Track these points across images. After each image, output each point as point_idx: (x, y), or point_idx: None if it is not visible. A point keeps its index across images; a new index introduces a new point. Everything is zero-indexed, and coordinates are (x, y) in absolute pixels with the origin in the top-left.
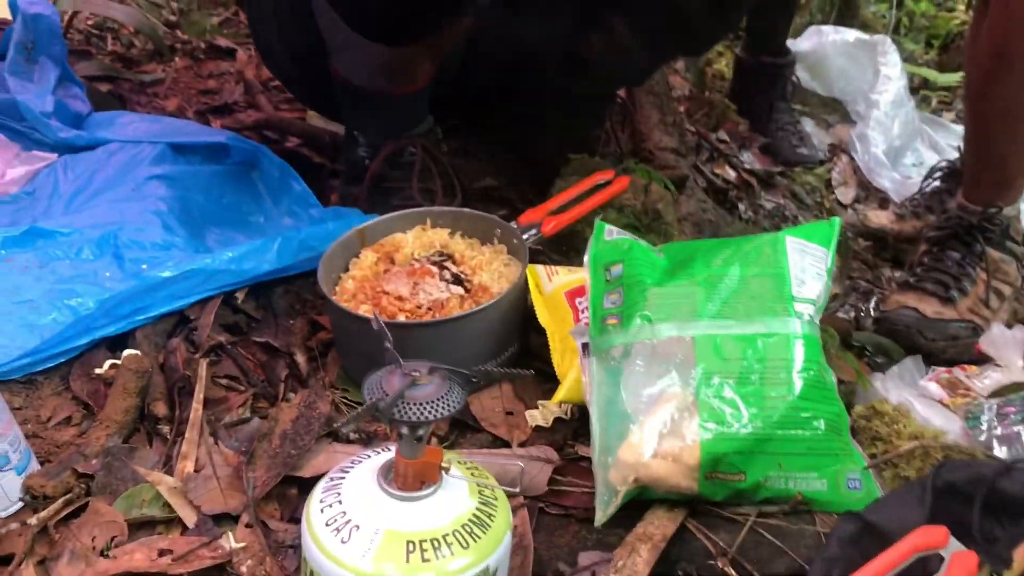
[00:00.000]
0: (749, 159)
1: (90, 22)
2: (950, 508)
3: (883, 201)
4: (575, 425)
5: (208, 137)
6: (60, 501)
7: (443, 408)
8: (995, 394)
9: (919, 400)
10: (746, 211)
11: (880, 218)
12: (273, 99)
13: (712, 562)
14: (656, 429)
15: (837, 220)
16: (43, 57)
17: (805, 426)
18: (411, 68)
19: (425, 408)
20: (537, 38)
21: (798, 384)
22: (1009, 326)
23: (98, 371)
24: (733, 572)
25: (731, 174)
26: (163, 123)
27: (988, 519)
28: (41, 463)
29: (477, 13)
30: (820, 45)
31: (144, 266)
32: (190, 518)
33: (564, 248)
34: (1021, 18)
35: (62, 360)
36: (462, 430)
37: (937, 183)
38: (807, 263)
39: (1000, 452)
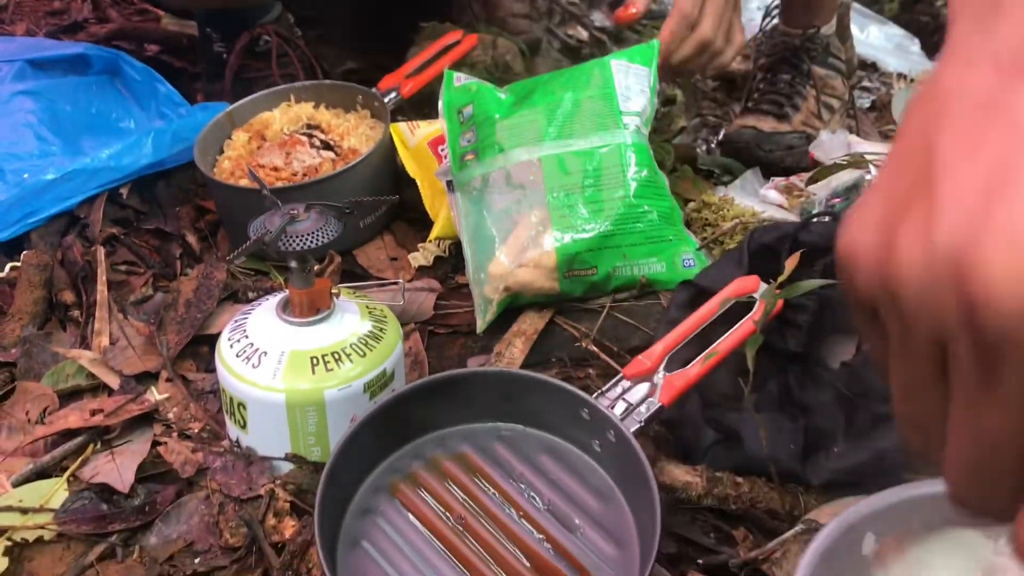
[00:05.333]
0: (600, 18)
1: None
2: (763, 264)
3: None
4: (453, 261)
5: (66, 50)
6: None
7: (323, 236)
8: (812, 180)
9: (760, 206)
10: None
11: None
12: (124, 12)
13: (578, 344)
14: (519, 243)
15: (656, 42)
16: None
17: (641, 219)
18: None
19: (307, 238)
20: None
21: (632, 185)
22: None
23: (0, 275)
24: (596, 349)
25: (583, 34)
26: (17, 42)
27: None
28: None
29: None
30: None
31: (26, 175)
32: (114, 381)
33: (426, 110)
34: None
35: None
36: (352, 280)
37: (776, 21)
38: (631, 81)
39: None
